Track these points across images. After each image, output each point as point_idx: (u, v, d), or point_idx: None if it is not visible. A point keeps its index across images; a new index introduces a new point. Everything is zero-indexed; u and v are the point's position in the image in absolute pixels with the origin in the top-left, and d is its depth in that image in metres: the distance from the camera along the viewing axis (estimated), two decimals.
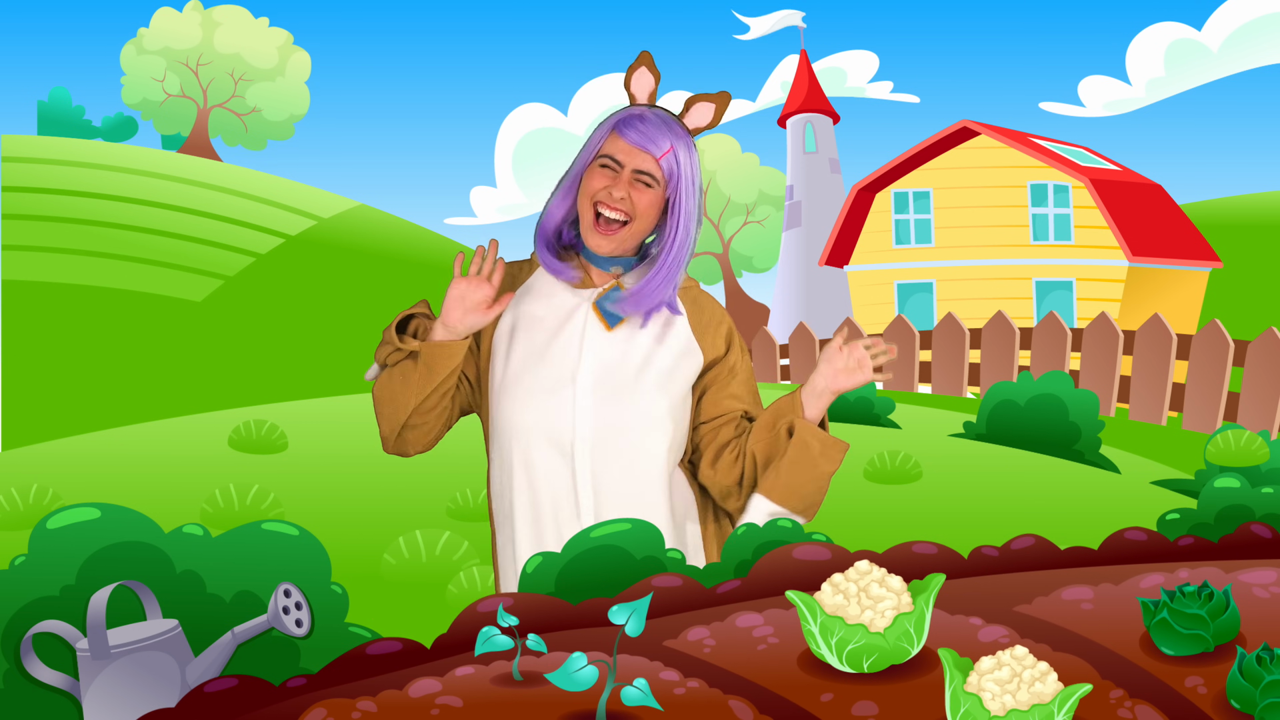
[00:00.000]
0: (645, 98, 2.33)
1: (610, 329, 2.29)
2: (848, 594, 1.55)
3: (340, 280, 17.16)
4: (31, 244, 15.50)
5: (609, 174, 2.26)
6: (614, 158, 2.27)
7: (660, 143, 2.26)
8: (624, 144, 2.26)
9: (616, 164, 2.26)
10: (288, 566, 1.95)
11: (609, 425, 2.25)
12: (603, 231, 2.26)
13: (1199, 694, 1.51)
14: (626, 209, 2.25)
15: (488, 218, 43.38)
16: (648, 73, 2.33)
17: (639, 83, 2.33)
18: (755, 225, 27.75)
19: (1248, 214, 21.84)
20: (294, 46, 25.87)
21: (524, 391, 2.27)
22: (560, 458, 2.25)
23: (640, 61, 2.33)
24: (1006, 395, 7.62)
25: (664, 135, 2.27)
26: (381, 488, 5.87)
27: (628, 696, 1.39)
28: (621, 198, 2.24)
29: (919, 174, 18.11)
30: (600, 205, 2.26)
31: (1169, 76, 40.80)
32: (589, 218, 2.28)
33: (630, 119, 2.28)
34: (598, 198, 2.26)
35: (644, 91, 2.33)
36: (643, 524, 1.88)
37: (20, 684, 1.88)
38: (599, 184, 2.26)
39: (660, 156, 2.26)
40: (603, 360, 2.28)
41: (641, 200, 2.26)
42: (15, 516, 5.46)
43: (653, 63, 2.34)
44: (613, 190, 2.25)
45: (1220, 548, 1.92)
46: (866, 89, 38.53)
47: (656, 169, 2.26)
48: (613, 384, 2.27)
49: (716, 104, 2.32)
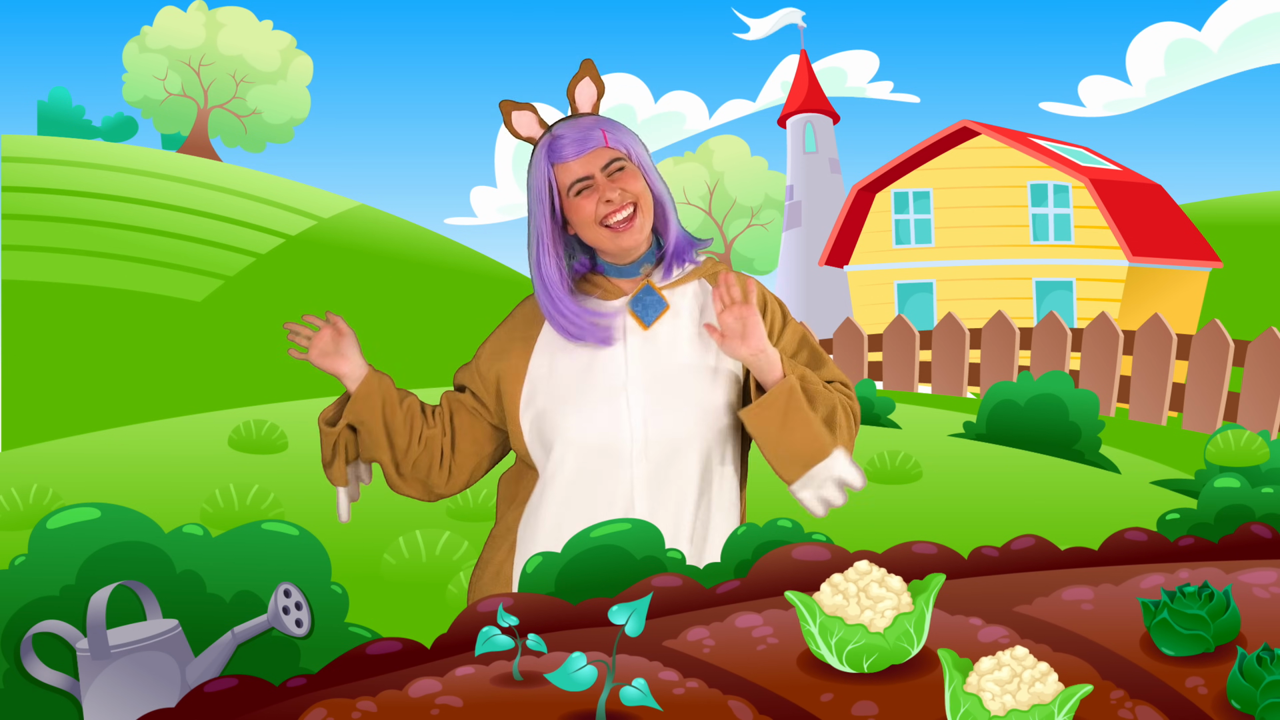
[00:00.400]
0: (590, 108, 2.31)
1: (647, 327, 2.27)
2: (847, 594, 1.55)
3: (340, 280, 17.17)
4: (31, 244, 15.51)
5: (587, 192, 2.24)
6: (575, 178, 2.24)
7: (592, 135, 2.25)
8: (571, 163, 2.24)
9: (582, 181, 2.24)
10: (288, 566, 1.95)
11: (665, 430, 2.23)
12: (624, 229, 2.23)
13: (1199, 694, 1.51)
14: (627, 199, 2.23)
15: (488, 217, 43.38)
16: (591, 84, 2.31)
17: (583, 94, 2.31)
18: (759, 228, 27.78)
19: (1248, 214, 21.84)
20: (296, 50, 25.88)
21: (574, 406, 2.24)
22: (619, 467, 2.22)
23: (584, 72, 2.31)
24: (1006, 395, 7.61)
25: (586, 129, 2.25)
26: (382, 488, 5.86)
27: (627, 696, 1.39)
28: (614, 196, 2.23)
29: (919, 174, 18.11)
30: (605, 220, 2.23)
31: (1169, 76, 40.80)
32: (606, 234, 2.24)
33: (550, 146, 2.26)
34: (599, 216, 2.23)
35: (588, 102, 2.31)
36: (642, 524, 1.88)
37: (20, 684, 1.88)
38: (589, 207, 2.23)
39: (607, 144, 2.25)
40: (649, 364, 2.25)
41: (630, 184, 2.24)
42: (15, 516, 5.46)
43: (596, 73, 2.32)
44: (606, 197, 2.23)
45: (1220, 548, 1.92)
46: (867, 89, 38.54)
47: (614, 153, 2.25)
48: (663, 387, 2.24)
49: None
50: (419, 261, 18.48)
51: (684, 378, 2.26)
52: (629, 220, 2.24)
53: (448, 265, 18.71)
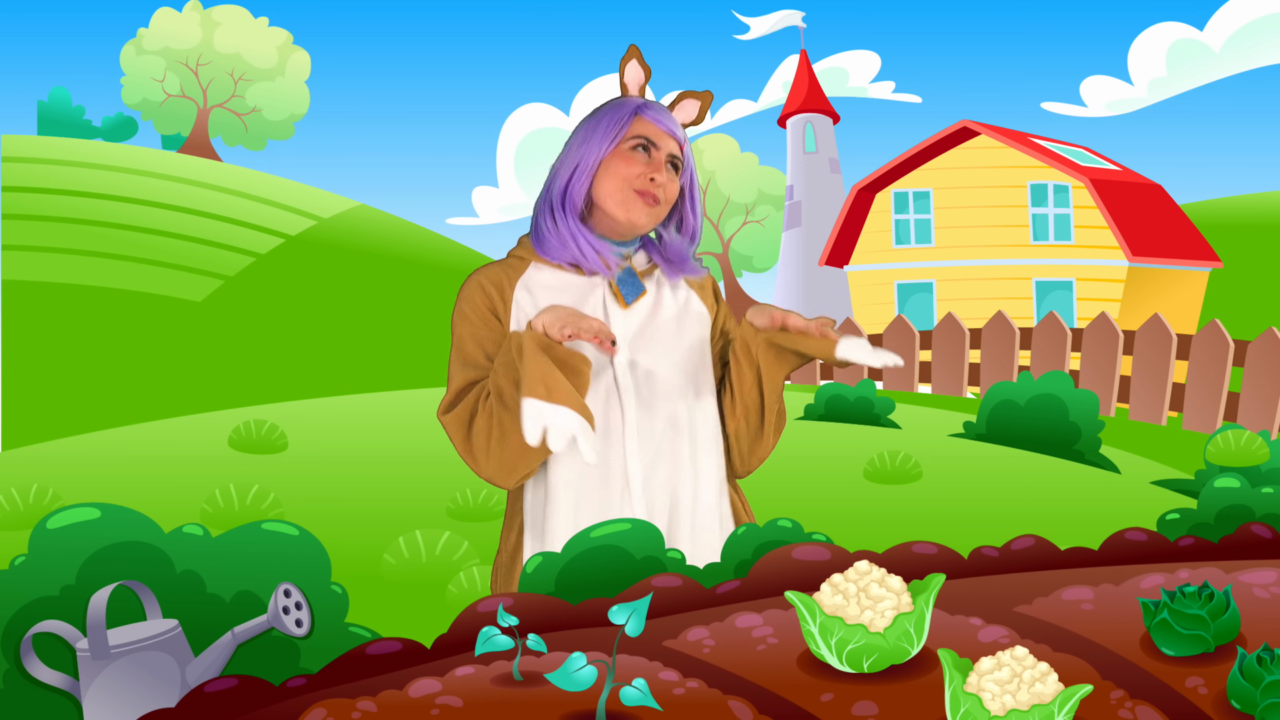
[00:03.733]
0: (637, 90, 2.35)
1: (627, 305, 2.29)
2: (847, 594, 1.55)
3: (340, 280, 17.17)
4: (31, 244, 15.51)
5: (644, 156, 2.26)
6: (648, 139, 2.26)
7: (679, 129, 2.30)
8: (654, 128, 2.27)
9: (651, 146, 2.27)
10: (288, 566, 1.95)
11: (652, 403, 2.25)
12: (646, 204, 2.25)
13: (1199, 694, 1.51)
14: (660, 194, 2.26)
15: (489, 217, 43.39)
16: (638, 66, 2.34)
17: (632, 74, 2.34)
18: (755, 225, 27.78)
19: (1248, 214, 21.84)
20: (294, 46, 25.89)
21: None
22: (607, 442, 2.23)
23: (631, 54, 2.34)
24: (1006, 395, 7.62)
25: (677, 122, 2.31)
26: (381, 488, 5.88)
27: (627, 696, 1.39)
28: (661, 180, 2.25)
29: (919, 174, 18.12)
30: (641, 187, 2.25)
31: (1170, 76, 40.82)
32: (628, 197, 2.25)
33: (650, 105, 2.30)
34: (637, 185, 2.25)
35: (636, 84, 2.34)
36: (642, 524, 1.88)
37: (20, 684, 1.89)
38: (636, 168, 2.25)
39: (683, 143, 2.30)
40: (632, 339, 2.28)
41: (672, 185, 2.29)
42: (15, 516, 5.47)
43: (642, 57, 2.35)
44: (654, 175, 2.25)
45: (1220, 548, 1.92)
46: (868, 89, 38.54)
47: (680, 155, 2.30)
48: (647, 361, 2.27)
49: (702, 101, 2.34)
50: (419, 261, 18.49)
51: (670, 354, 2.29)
52: (653, 202, 2.26)
53: (448, 265, 18.71)
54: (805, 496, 5.38)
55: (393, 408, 8.06)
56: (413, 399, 8.55)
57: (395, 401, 8.51)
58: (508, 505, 2.41)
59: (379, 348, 15.37)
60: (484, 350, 2.27)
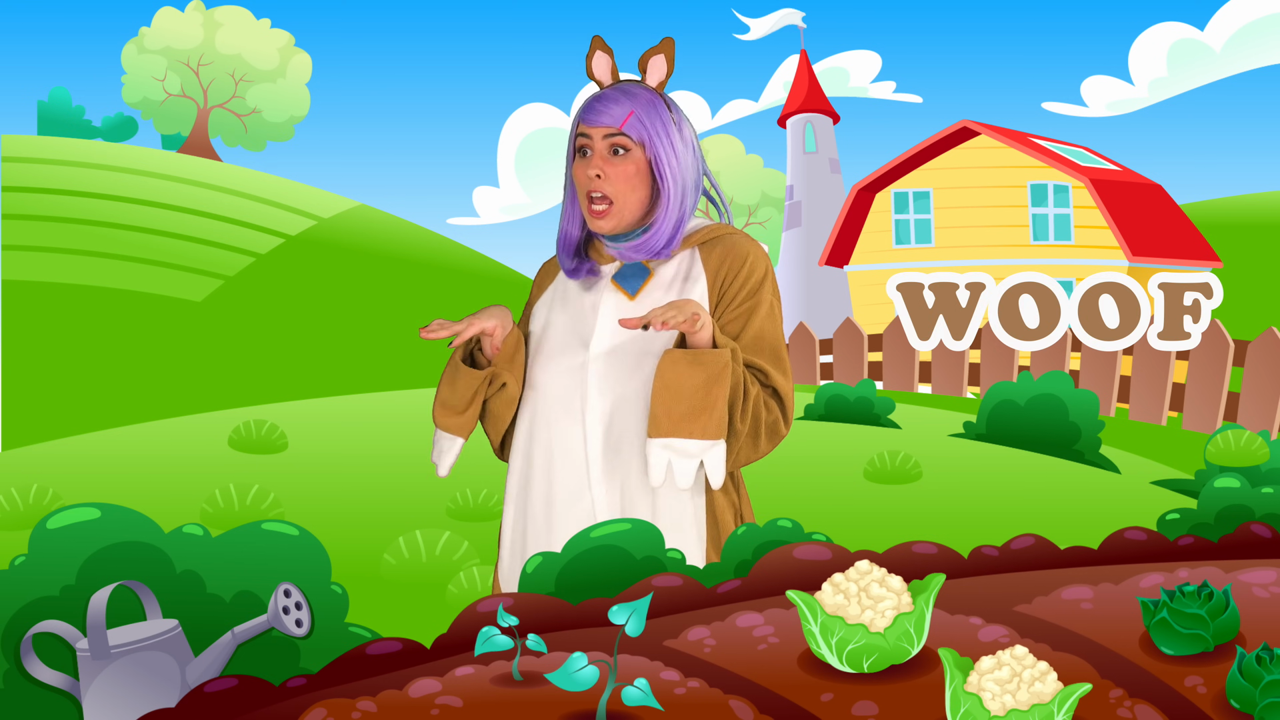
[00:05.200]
0: (610, 77, 2.36)
1: (632, 298, 2.32)
2: (848, 594, 1.55)
3: (340, 280, 17.16)
4: (31, 244, 15.50)
5: (584, 159, 2.32)
6: (583, 138, 2.32)
7: (616, 112, 2.29)
8: (585, 125, 2.32)
9: (585, 145, 2.32)
10: (288, 566, 1.95)
11: (620, 395, 2.27)
12: (597, 214, 2.31)
13: (1199, 694, 1.51)
14: (604, 188, 2.29)
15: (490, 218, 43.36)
16: (603, 55, 2.36)
17: (600, 67, 2.37)
18: (757, 226, 27.78)
19: (1248, 214, 21.83)
20: (295, 48, 25.87)
21: (544, 357, 2.34)
22: (573, 424, 2.28)
23: (593, 48, 2.37)
24: (1006, 395, 7.62)
25: (620, 104, 2.30)
26: (381, 488, 5.88)
27: (628, 696, 1.39)
28: (597, 176, 2.29)
29: (919, 174, 18.11)
30: (587, 195, 2.31)
31: (1171, 76, 40.78)
32: (585, 207, 2.33)
33: (588, 102, 2.33)
34: (584, 191, 2.32)
35: (607, 73, 2.36)
36: (643, 524, 1.88)
37: (20, 684, 1.88)
38: (580, 176, 2.33)
39: (622, 125, 2.29)
40: (617, 330, 2.29)
41: (618, 172, 2.29)
42: (15, 516, 5.46)
43: (604, 44, 2.37)
44: (590, 174, 2.30)
45: (1220, 548, 1.92)
46: (869, 89, 38.51)
47: (624, 138, 2.29)
48: (626, 353, 2.28)
49: (664, 52, 2.35)
50: (420, 262, 18.47)
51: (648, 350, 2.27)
52: (601, 208, 2.30)
53: (449, 265, 18.70)
54: (805, 496, 5.37)
55: (393, 408, 8.05)
56: (413, 399, 8.55)
57: (395, 401, 8.50)
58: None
59: (379, 348, 15.36)
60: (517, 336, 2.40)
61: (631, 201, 2.30)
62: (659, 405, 2.18)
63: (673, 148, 2.32)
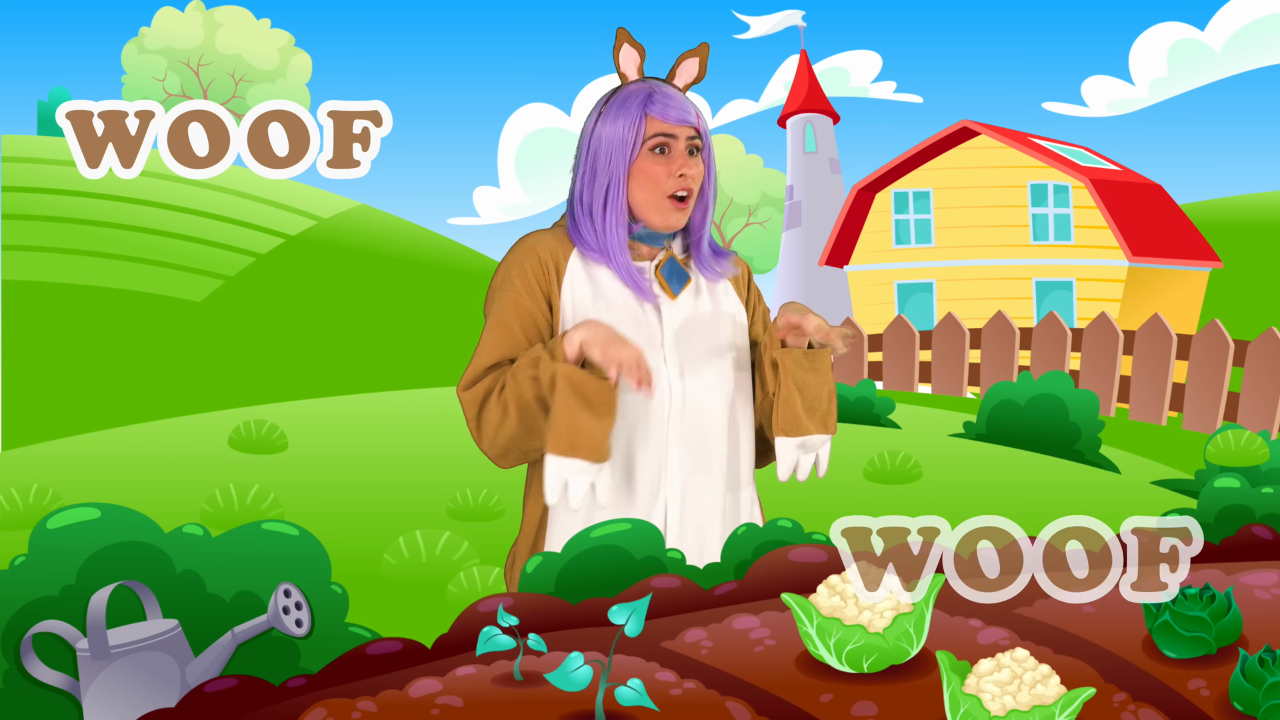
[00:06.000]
0: (635, 72, 2.33)
1: (674, 296, 2.30)
2: (844, 595, 1.55)
3: (340, 280, 17.16)
4: (31, 244, 15.51)
5: (664, 156, 2.26)
6: (664, 136, 2.26)
7: (691, 110, 2.29)
8: (666, 122, 2.26)
9: (669, 141, 2.26)
10: (288, 566, 1.95)
11: (694, 393, 2.26)
12: (681, 207, 2.27)
13: (1202, 696, 1.51)
14: (691, 185, 2.28)
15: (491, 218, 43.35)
16: (631, 48, 2.33)
17: (627, 60, 2.33)
18: (757, 227, 27.78)
19: (1248, 214, 21.84)
20: (295, 48, 25.87)
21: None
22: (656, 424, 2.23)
23: (621, 39, 2.33)
24: (1006, 395, 7.62)
25: (688, 102, 2.30)
26: (381, 488, 5.88)
27: (621, 696, 1.39)
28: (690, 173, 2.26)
29: (919, 174, 18.11)
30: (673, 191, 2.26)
31: (1172, 76, 40.82)
32: (662, 204, 2.26)
33: (656, 96, 2.27)
34: (666, 187, 2.25)
35: (634, 67, 2.33)
36: (642, 524, 1.88)
37: (20, 684, 1.88)
38: (661, 172, 2.25)
39: (697, 119, 2.29)
40: (678, 328, 2.29)
41: (697, 171, 2.28)
42: (15, 516, 5.47)
43: (632, 37, 2.34)
44: (681, 171, 2.25)
45: (1221, 550, 1.92)
46: (870, 89, 38.53)
47: (699, 138, 2.29)
48: (693, 351, 2.28)
49: (699, 57, 2.33)
50: (420, 262, 18.48)
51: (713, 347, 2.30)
52: (685, 201, 2.28)
53: (449, 266, 18.70)
54: (805, 497, 5.37)
55: (393, 408, 8.06)
56: (413, 399, 8.55)
57: (395, 401, 8.51)
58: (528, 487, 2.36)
59: (379, 348, 15.37)
60: (522, 323, 2.24)
61: (693, 199, 2.31)
62: (794, 405, 2.26)
63: (711, 151, 2.34)
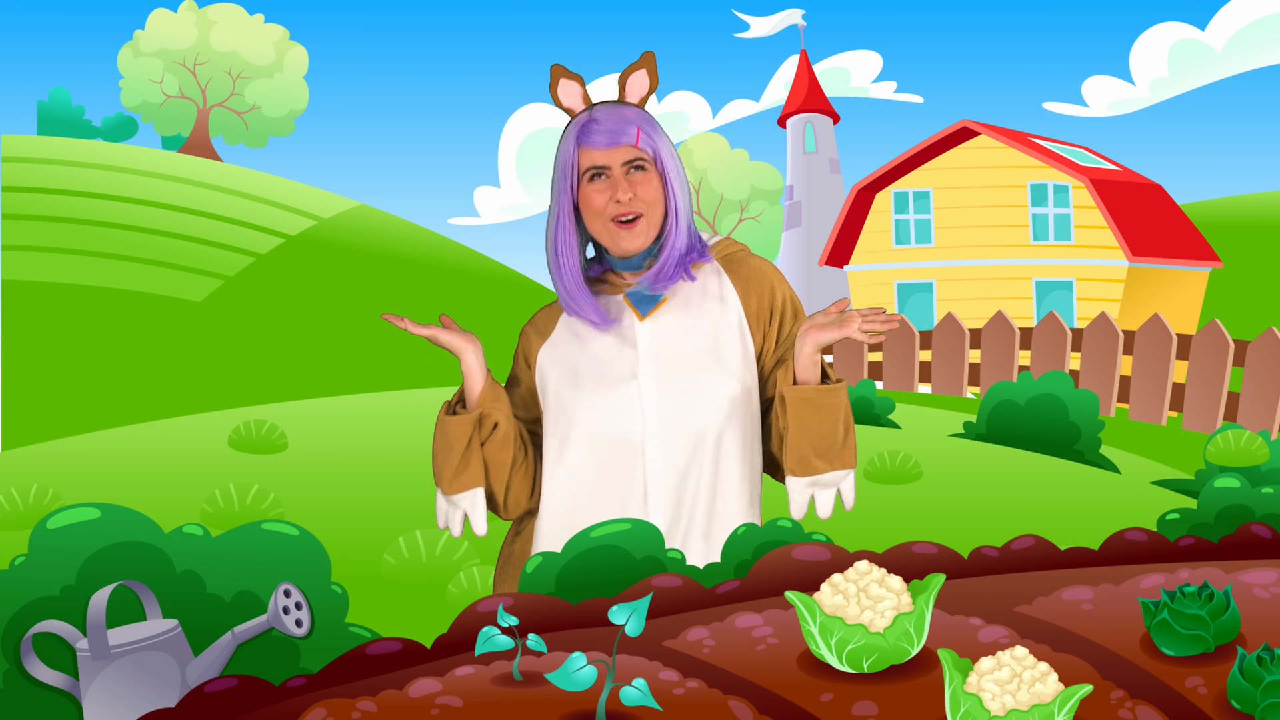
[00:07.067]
0: (581, 102, 2.30)
1: (643, 318, 2.28)
2: (847, 594, 1.55)
3: (340, 280, 17.16)
4: (31, 244, 15.50)
5: (602, 183, 2.24)
6: (595, 166, 2.25)
7: (626, 129, 2.24)
8: (596, 151, 2.24)
9: (602, 170, 2.25)
10: (288, 566, 1.95)
11: (676, 417, 2.23)
12: (625, 229, 2.25)
13: (1199, 694, 1.51)
14: (636, 207, 2.24)
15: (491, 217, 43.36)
16: (569, 81, 2.30)
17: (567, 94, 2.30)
18: (751, 222, 27.71)
19: (1248, 214, 21.84)
20: (290, 42, 25.84)
21: (587, 392, 2.26)
22: (631, 455, 2.23)
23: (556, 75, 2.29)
24: (1006, 395, 7.61)
25: (624, 121, 2.25)
26: (381, 488, 5.87)
27: (627, 696, 1.39)
28: (629, 198, 2.23)
29: (919, 174, 18.11)
30: (615, 218, 2.24)
31: (1172, 76, 40.82)
32: (609, 230, 2.26)
33: (584, 127, 2.25)
34: (607, 213, 2.24)
35: (576, 98, 2.29)
36: (642, 524, 1.88)
37: (20, 684, 1.88)
38: (599, 200, 2.24)
39: (638, 142, 2.25)
40: (656, 351, 2.26)
41: (644, 189, 2.25)
42: (15, 516, 5.46)
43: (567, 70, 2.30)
44: (617, 197, 2.23)
45: (1220, 548, 1.92)
46: (870, 89, 38.53)
47: (640, 154, 2.25)
48: (673, 372, 2.25)
49: (646, 67, 2.31)
50: (420, 262, 18.47)
51: (693, 364, 2.26)
52: (631, 224, 2.25)
53: (449, 266, 18.70)
54: None
55: (393, 408, 8.05)
56: (413, 399, 8.54)
57: (395, 401, 8.50)
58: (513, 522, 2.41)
59: (379, 348, 15.36)
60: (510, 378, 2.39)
61: (655, 216, 2.27)
62: (804, 447, 2.21)
63: (674, 163, 2.29)
